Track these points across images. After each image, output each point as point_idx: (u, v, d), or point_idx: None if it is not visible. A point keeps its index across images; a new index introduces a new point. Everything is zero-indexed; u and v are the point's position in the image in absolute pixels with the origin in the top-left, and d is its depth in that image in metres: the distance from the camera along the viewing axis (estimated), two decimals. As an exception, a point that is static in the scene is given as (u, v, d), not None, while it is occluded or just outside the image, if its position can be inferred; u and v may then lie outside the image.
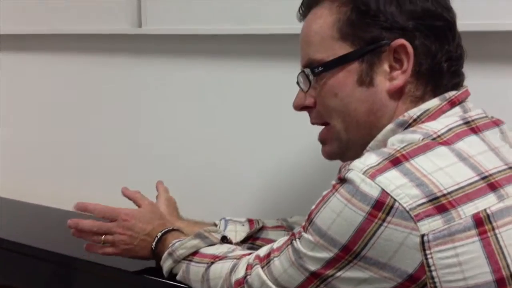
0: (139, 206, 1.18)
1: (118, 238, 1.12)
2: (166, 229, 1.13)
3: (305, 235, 0.84)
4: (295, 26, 1.29)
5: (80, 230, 1.14)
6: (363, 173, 0.79)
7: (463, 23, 0.95)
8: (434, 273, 0.75)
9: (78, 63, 1.76)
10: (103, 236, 1.13)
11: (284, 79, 1.43)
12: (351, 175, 0.80)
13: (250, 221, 1.23)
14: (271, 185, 1.49)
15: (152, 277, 1.13)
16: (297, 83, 1.01)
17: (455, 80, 0.93)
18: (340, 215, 0.79)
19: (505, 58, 1.19)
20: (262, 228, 1.22)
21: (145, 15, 1.60)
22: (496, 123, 0.90)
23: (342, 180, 0.81)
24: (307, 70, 0.96)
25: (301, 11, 1.02)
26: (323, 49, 0.94)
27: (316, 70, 0.95)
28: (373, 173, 0.78)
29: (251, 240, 1.21)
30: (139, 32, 1.62)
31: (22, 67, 1.88)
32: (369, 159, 0.81)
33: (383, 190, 0.76)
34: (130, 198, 1.21)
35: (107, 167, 1.74)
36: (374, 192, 0.77)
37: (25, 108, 1.89)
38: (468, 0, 1.12)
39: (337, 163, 1.03)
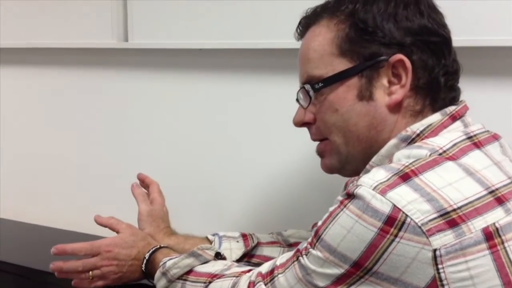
0: (117, 232, 1.16)
1: (106, 270, 1.11)
2: (153, 249, 1.12)
3: (313, 251, 0.84)
4: (282, 41, 1.32)
5: (66, 272, 1.12)
6: (373, 189, 0.79)
7: (457, 39, 0.97)
8: (446, 287, 0.76)
9: (65, 77, 1.75)
10: (90, 272, 1.11)
11: (272, 92, 1.45)
12: (360, 190, 0.80)
13: (244, 237, 1.23)
14: (266, 197, 1.49)
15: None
16: (297, 100, 1.01)
17: (452, 94, 0.94)
18: (350, 231, 0.79)
19: (497, 73, 1.22)
20: (257, 245, 1.22)
21: (132, 29, 1.60)
22: (495, 137, 0.91)
23: (351, 196, 0.81)
24: (307, 86, 0.97)
25: (298, 31, 1.02)
26: (323, 65, 0.95)
27: (316, 86, 0.95)
28: (383, 189, 0.79)
29: (247, 258, 1.21)
30: (126, 46, 1.61)
31: (10, 80, 1.84)
32: (378, 174, 0.81)
33: (394, 206, 0.77)
34: (105, 226, 1.18)
35: (96, 181, 1.72)
36: (386, 208, 0.77)
37: (10, 121, 1.86)
38: (461, 17, 1.15)
39: (332, 176, 1.05)
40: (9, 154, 1.86)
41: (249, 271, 0.98)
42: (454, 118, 0.91)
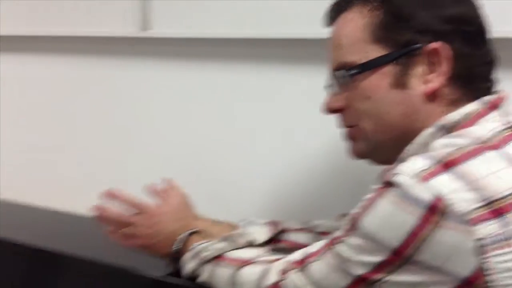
0: (167, 197, 1.15)
1: (143, 232, 1.11)
2: (190, 231, 1.11)
3: (350, 239, 0.83)
4: (307, 31, 1.30)
5: (106, 217, 1.13)
6: (414, 177, 0.79)
7: (494, 30, 0.96)
8: (492, 277, 0.75)
9: (83, 65, 1.73)
10: (128, 227, 1.11)
11: (294, 83, 1.44)
12: (399, 178, 0.79)
13: (272, 223, 1.22)
14: (281, 189, 1.48)
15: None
16: (327, 86, 1.01)
17: (488, 83, 0.94)
18: (390, 219, 0.79)
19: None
20: (284, 230, 1.21)
21: (150, 18, 1.58)
22: None
23: (389, 184, 0.81)
24: (340, 73, 0.96)
25: (329, 16, 1.01)
26: (356, 51, 0.94)
27: (350, 72, 0.95)
28: (424, 177, 0.78)
29: (274, 242, 1.20)
30: (144, 35, 1.60)
31: (25, 69, 1.83)
32: (418, 163, 0.81)
33: (436, 194, 0.76)
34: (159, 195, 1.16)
35: (109, 170, 1.72)
36: (427, 196, 0.77)
37: (26, 110, 1.85)
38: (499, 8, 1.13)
39: (348, 168, 1.03)
40: (10, 144, 1.85)
41: (280, 259, 0.98)
42: (491, 107, 0.90)
